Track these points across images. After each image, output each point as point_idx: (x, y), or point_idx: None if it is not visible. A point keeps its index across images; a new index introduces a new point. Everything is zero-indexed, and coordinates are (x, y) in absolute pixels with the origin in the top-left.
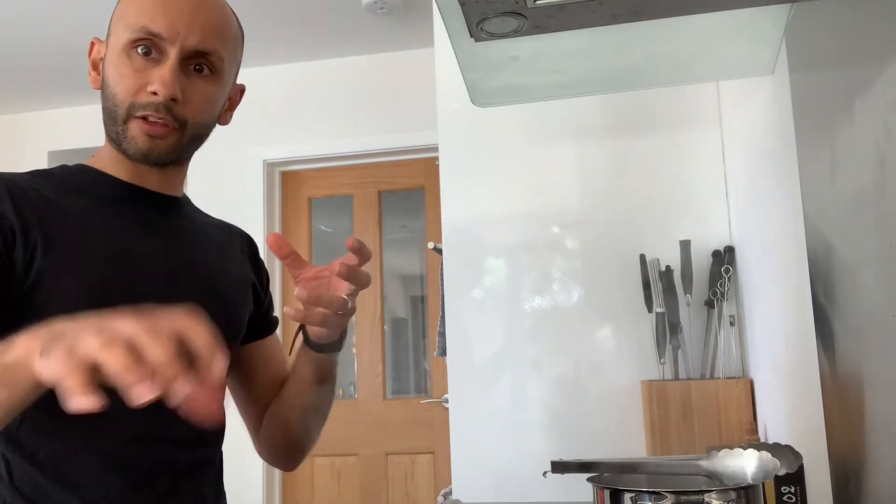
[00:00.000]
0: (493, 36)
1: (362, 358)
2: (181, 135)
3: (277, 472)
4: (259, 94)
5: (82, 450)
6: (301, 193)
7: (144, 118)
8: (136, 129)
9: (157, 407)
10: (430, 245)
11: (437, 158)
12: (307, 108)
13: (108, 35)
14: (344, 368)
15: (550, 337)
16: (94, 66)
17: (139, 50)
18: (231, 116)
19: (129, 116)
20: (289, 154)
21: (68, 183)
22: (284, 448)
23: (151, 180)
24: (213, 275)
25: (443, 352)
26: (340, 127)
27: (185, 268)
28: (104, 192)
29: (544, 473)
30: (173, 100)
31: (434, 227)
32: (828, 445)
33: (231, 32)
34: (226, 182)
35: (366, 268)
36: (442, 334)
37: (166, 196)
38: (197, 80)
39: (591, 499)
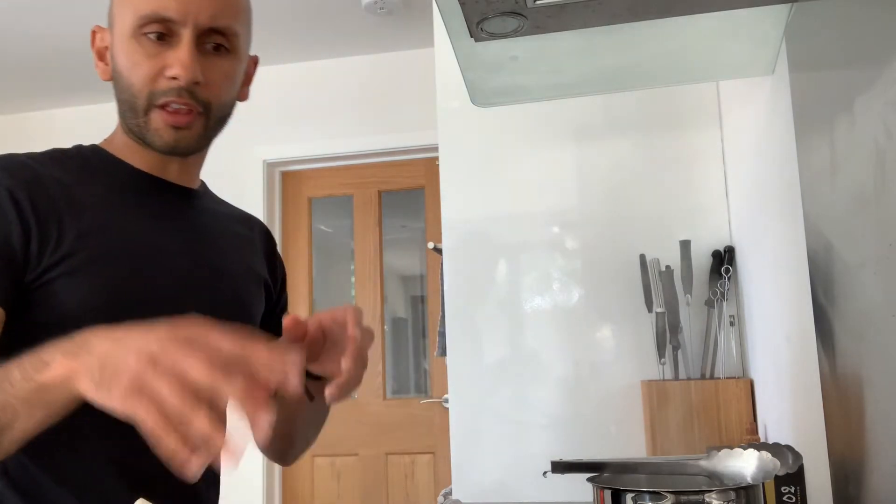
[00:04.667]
0: (493, 36)
1: None
2: (206, 119)
3: (277, 472)
4: (259, 94)
5: (81, 449)
6: (301, 193)
7: (165, 106)
8: (159, 121)
9: None
10: (430, 245)
11: (437, 158)
12: (307, 108)
13: (110, 21)
14: None
15: (550, 337)
16: (101, 56)
17: (150, 35)
18: (248, 92)
19: (149, 106)
20: (289, 154)
21: (87, 167)
22: (282, 449)
23: (171, 171)
24: (231, 274)
25: (443, 352)
26: (340, 127)
27: (202, 265)
28: (122, 181)
29: (544, 473)
30: (196, 83)
31: (434, 227)
32: (828, 445)
33: (242, 4)
34: (226, 182)
35: (366, 268)
36: (442, 334)
37: (185, 188)
38: (214, 59)
39: (591, 499)
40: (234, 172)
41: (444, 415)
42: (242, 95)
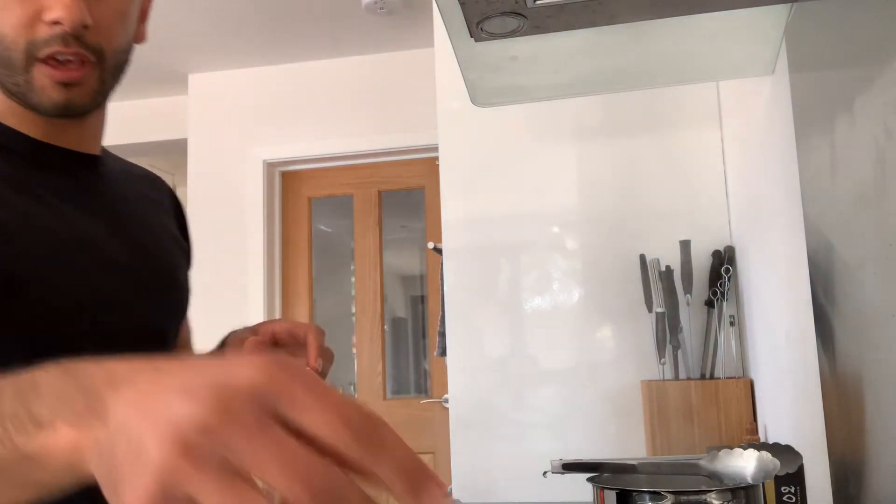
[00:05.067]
0: (493, 36)
1: (362, 358)
2: (101, 70)
3: None
4: (259, 94)
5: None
6: (301, 193)
7: (49, 59)
8: (43, 77)
9: None
10: (430, 245)
11: (437, 158)
12: (307, 108)
13: None
14: (344, 368)
15: (550, 337)
16: None
17: None
18: (146, 31)
19: (30, 60)
20: (289, 154)
21: None
22: None
23: (68, 137)
24: (156, 247)
25: (443, 352)
26: (340, 127)
27: (124, 243)
28: (14, 152)
29: (544, 473)
30: (84, 26)
31: (434, 227)
32: (828, 445)
33: None
34: (226, 182)
35: (366, 268)
36: (442, 334)
37: (87, 155)
38: None
39: (591, 499)
40: (234, 172)
41: (444, 415)
42: (140, 36)
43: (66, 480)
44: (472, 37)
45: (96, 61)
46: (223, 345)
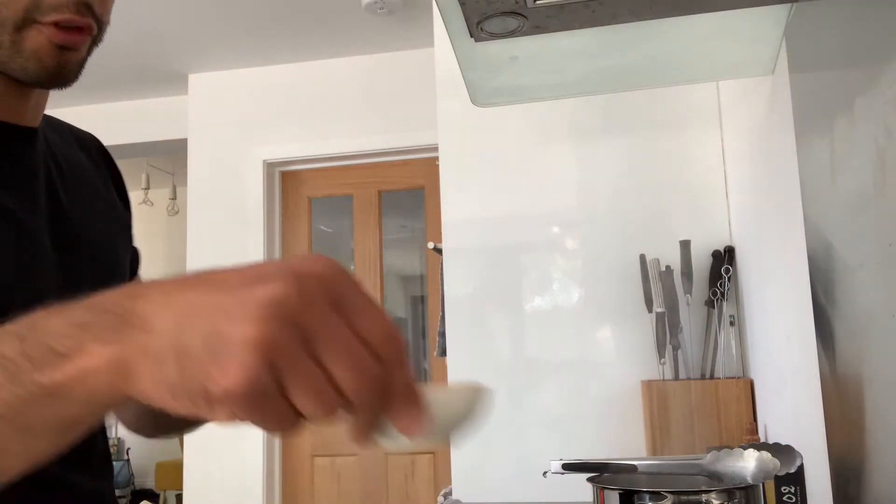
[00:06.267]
0: (493, 36)
1: None
2: (92, 43)
3: (277, 473)
4: (259, 93)
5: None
6: (301, 193)
7: (49, 24)
8: (40, 39)
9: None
10: (430, 245)
11: (437, 158)
12: (307, 108)
13: None
14: None
15: (550, 337)
16: None
17: None
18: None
19: (27, 21)
20: (289, 154)
21: None
22: (161, 426)
23: (21, 110)
24: (105, 231)
25: (443, 352)
26: (340, 127)
27: (75, 232)
28: None
29: (544, 473)
30: None
31: (434, 227)
32: (828, 445)
33: None
34: (226, 182)
35: (366, 268)
36: (442, 334)
37: (25, 129)
38: None
39: (591, 499)
40: (234, 172)
41: None
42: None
43: (96, 409)
44: (472, 37)
45: (95, 34)
46: None
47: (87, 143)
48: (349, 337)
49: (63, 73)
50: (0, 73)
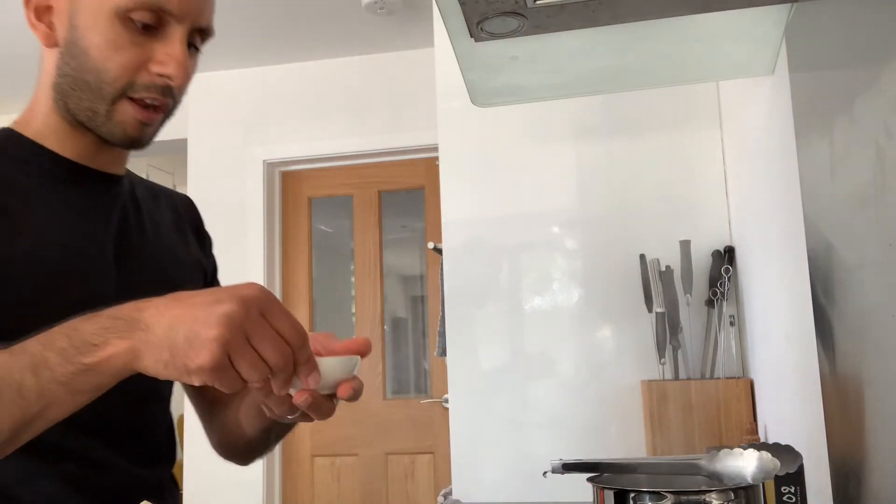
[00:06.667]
0: (493, 36)
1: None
2: (166, 116)
3: (277, 472)
4: (259, 93)
5: (39, 473)
6: (301, 193)
7: (138, 100)
8: (128, 113)
9: (112, 429)
10: (430, 245)
11: (437, 158)
12: (307, 108)
13: None
14: None
15: (550, 337)
16: (40, 16)
17: (137, 21)
18: None
19: (121, 96)
20: (289, 154)
21: (5, 154)
22: (243, 450)
23: (102, 159)
24: (170, 263)
25: (443, 352)
26: (340, 127)
27: (140, 260)
28: (49, 172)
29: (544, 473)
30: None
31: (434, 227)
32: (828, 445)
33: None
34: (226, 182)
35: (366, 268)
36: (442, 334)
37: (113, 175)
38: (190, 59)
39: (591, 499)
40: (234, 172)
41: (444, 415)
42: None
43: (116, 379)
44: (472, 37)
45: (171, 109)
46: None
47: (176, 200)
48: (272, 332)
49: (139, 141)
50: (93, 133)
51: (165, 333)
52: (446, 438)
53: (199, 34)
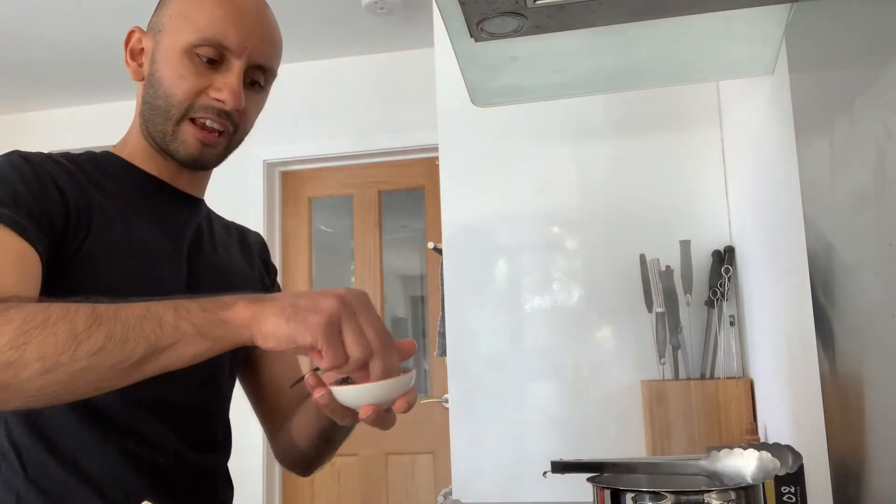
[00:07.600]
0: (493, 36)
1: None
2: (229, 141)
3: (277, 473)
4: None
5: (99, 445)
6: (301, 193)
7: (198, 121)
8: (189, 133)
9: (172, 410)
10: (430, 245)
11: (437, 158)
12: (307, 107)
13: (157, 28)
14: None
15: (550, 337)
16: (133, 56)
17: (202, 56)
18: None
19: (184, 117)
20: (289, 154)
21: (101, 171)
22: (299, 461)
23: (181, 180)
24: (236, 277)
25: (443, 352)
26: (340, 127)
27: (209, 269)
28: (137, 186)
29: (544, 473)
30: (237, 109)
31: (434, 227)
32: (828, 445)
33: (281, 48)
34: (226, 182)
35: (366, 268)
36: (442, 334)
37: (192, 197)
38: (250, 92)
39: (591, 499)
40: (234, 172)
41: (444, 415)
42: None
43: (234, 340)
44: (472, 37)
45: (232, 133)
46: None
47: (246, 234)
48: (358, 327)
49: (201, 161)
50: (171, 156)
51: (289, 301)
52: (446, 438)
53: (261, 72)
